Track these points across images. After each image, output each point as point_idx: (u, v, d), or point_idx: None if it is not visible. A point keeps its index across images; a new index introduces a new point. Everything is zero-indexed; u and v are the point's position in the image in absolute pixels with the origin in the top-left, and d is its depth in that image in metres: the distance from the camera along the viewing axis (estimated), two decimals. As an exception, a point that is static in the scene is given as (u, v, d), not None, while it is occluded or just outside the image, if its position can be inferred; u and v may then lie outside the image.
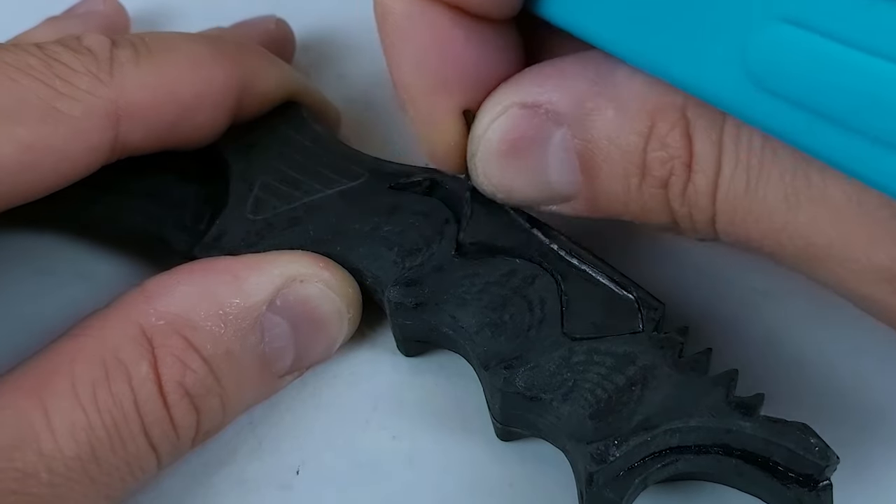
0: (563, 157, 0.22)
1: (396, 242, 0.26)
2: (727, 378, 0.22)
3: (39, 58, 0.24)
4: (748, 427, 0.22)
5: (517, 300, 0.24)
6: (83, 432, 0.21)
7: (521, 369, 0.23)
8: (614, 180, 0.22)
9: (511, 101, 0.23)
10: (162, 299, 0.23)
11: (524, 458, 0.25)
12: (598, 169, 0.22)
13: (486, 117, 0.23)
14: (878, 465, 0.24)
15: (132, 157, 0.28)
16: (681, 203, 0.21)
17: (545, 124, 0.22)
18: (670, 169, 0.21)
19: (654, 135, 0.21)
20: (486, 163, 0.24)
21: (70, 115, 0.24)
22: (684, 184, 0.21)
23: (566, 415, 0.22)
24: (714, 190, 0.21)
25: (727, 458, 0.22)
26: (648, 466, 0.22)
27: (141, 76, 0.25)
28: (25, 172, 0.24)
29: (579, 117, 0.22)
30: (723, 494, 0.24)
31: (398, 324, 0.26)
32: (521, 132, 0.23)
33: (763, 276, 0.27)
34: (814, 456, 0.21)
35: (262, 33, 0.32)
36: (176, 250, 0.28)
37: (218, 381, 0.23)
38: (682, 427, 0.22)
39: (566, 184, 0.23)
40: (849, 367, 0.25)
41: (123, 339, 0.22)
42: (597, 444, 0.22)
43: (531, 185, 0.23)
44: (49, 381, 0.22)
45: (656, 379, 0.23)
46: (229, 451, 0.26)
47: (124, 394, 0.22)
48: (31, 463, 0.20)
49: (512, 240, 0.25)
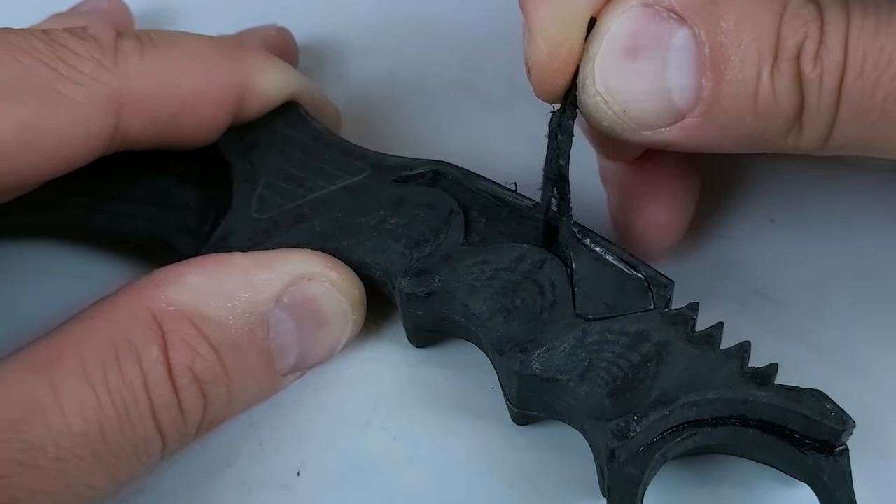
0: (686, 58, 0.22)
1: (403, 234, 0.26)
2: (740, 350, 0.23)
3: (45, 41, 0.25)
4: (764, 396, 0.22)
5: (528, 285, 0.24)
6: (92, 410, 0.21)
7: (536, 352, 0.23)
8: (746, 68, 0.22)
9: (634, 1, 0.22)
10: (172, 287, 0.23)
11: (524, 458, 0.25)
12: (728, 60, 0.22)
13: (609, 18, 0.23)
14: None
15: (132, 163, 0.28)
16: (813, 66, 0.21)
17: (668, 23, 0.22)
18: (805, 34, 0.21)
19: (788, 8, 0.21)
20: (604, 66, 0.23)
21: (72, 99, 0.24)
22: (817, 46, 0.21)
23: (583, 394, 0.23)
24: (845, 46, 0.21)
25: (744, 429, 0.22)
26: (667, 441, 0.22)
27: (144, 67, 0.26)
28: (24, 152, 0.24)
29: (707, 9, 0.22)
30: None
31: (409, 314, 0.26)
32: (643, 31, 0.22)
33: (763, 276, 0.28)
34: (830, 421, 0.21)
35: (265, 39, 0.33)
36: (181, 254, 0.28)
37: (225, 371, 0.23)
38: (699, 400, 0.22)
39: (687, 90, 0.22)
40: (849, 367, 0.26)
41: (134, 323, 0.22)
42: (617, 421, 0.22)
43: (649, 93, 0.23)
44: (59, 359, 0.22)
45: (671, 354, 0.23)
46: (230, 453, 0.26)
47: (134, 375, 0.22)
48: (37, 436, 0.20)
49: (516, 230, 0.25)
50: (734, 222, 0.29)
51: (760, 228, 0.29)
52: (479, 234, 0.26)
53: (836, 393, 0.22)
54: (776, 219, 0.29)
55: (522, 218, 0.26)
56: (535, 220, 0.25)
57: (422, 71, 0.35)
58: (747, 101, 0.22)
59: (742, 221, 0.29)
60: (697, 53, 0.22)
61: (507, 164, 0.27)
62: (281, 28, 0.34)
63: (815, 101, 0.22)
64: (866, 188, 0.29)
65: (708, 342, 0.23)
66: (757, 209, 0.30)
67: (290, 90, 0.29)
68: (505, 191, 0.26)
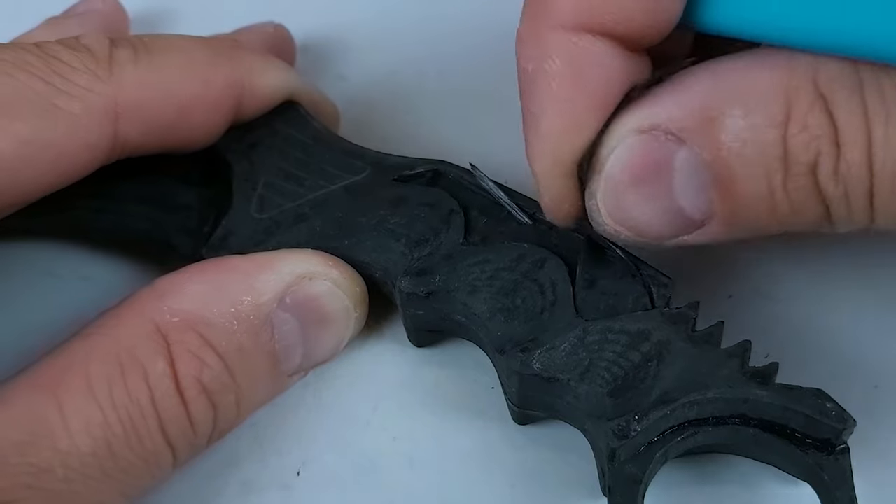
0: (691, 176, 0.21)
1: (404, 234, 0.26)
2: (741, 349, 0.23)
3: (38, 55, 0.24)
4: (765, 395, 0.22)
5: (528, 284, 0.24)
6: (99, 428, 0.21)
7: (537, 351, 0.23)
8: (755, 184, 0.20)
9: (627, 128, 0.21)
10: (175, 297, 0.23)
11: (525, 458, 0.25)
12: (734, 177, 0.21)
13: (605, 150, 0.22)
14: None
15: (133, 164, 0.28)
16: (835, 184, 0.20)
17: (667, 145, 0.21)
18: (817, 150, 0.20)
19: (792, 120, 0.20)
20: (608, 199, 0.22)
21: (69, 112, 0.24)
22: (835, 162, 0.20)
23: (584, 394, 0.23)
24: (869, 158, 0.19)
25: (745, 428, 0.22)
26: (668, 440, 0.22)
27: (139, 75, 0.26)
28: (24, 168, 0.24)
29: (705, 127, 0.21)
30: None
31: (410, 314, 0.26)
32: (642, 160, 0.21)
33: (763, 276, 0.28)
34: (831, 420, 0.21)
35: (262, 38, 0.33)
36: (182, 254, 0.28)
37: (233, 378, 0.23)
38: (700, 399, 0.22)
39: (699, 206, 0.21)
40: (849, 366, 0.26)
41: (138, 337, 0.22)
42: (618, 421, 0.22)
43: (661, 216, 0.22)
44: (64, 378, 0.21)
45: (671, 354, 0.23)
46: (230, 453, 0.26)
47: (141, 390, 0.22)
48: (46, 459, 0.20)
49: (516, 229, 0.25)
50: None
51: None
52: (479, 233, 0.26)
53: (836, 392, 0.22)
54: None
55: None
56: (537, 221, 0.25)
57: (423, 71, 0.35)
58: (765, 213, 0.21)
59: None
60: (702, 172, 0.21)
61: (508, 163, 0.27)
62: (278, 25, 0.34)
63: (843, 213, 0.21)
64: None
65: (708, 341, 0.23)
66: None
67: (288, 89, 0.29)
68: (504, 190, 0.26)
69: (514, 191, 0.26)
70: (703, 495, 0.24)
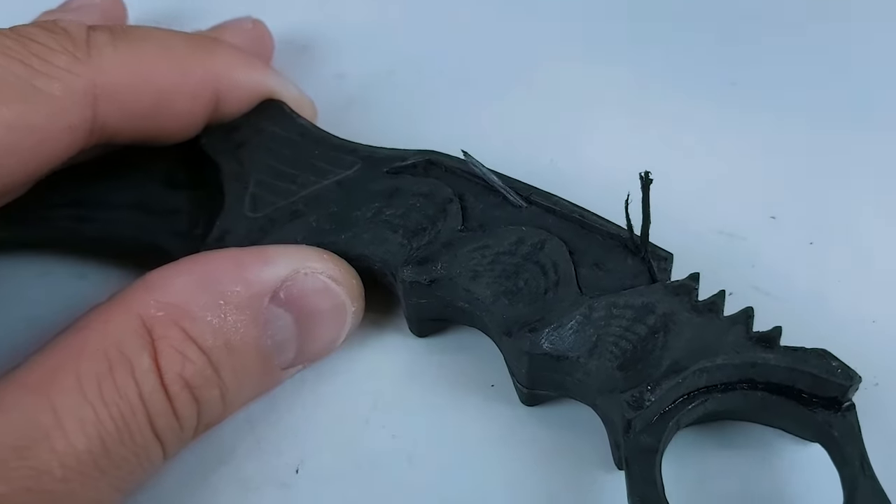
0: None
1: (400, 225, 0.26)
2: (744, 315, 0.23)
3: (14, 39, 0.24)
4: (771, 358, 0.22)
5: (530, 266, 0.25)
6: (93, 426, 0.21)
7: (544, 331, 0.23)
8: None
9: None
10: (162, 290, 0.23)
11: (525, 458, 0.25)
12: None
13: None
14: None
15: (114, 169, 0.27)
16: None
17: None
18: None
19: None
20: None
21: (49, 93, 0.24)
22: None
23: (594, 370, 0.23)
24: None
25: (753, 392, 0.23)
26: (680, 409, 0.23)
27: (118, 58, 0.25)
28: (7, 155, 0.23)
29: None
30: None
31: (413, 304, 0.26)
32: None
33: (763, 274, 0.28)
34: (837, 377, 0.22)
35: (239, 33, 0.32)
36: (176, 258, 0.27)
37: (217, 373, 0.23)
38: (709, 366, 0.22)
39: None
40: (849, 361, 0.26)
41: (125, 332, 0.22)
42: (631, 392, 0.22)
43: None
44: (55, 377, 0.21)
45: (677, 324, 0.23)
46: (228, 450, 0.25)
47: (129, 386, 0.22)
48: (44, 461, 0.20)
49: (512, 213, 0.26)
50: (734, 219, 0.29)
51: (761, 225, 0.29)
52: (476, 219, 0.26)
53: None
54: (776, 215, 0.29)
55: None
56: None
57: (421, 69, 0.35)
58: None
59: (742, 218, 0.29)
60: None
61: (508, 159, 0.28)
62: (256, 21, 0.33)
63: None
64: (867, 186, 0.30)
65: (712, 310, 0.23)
66: (757, 206, 0.30)
67: (267, 85, 0.29)
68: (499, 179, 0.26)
69: (506, 176, 0.26)
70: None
